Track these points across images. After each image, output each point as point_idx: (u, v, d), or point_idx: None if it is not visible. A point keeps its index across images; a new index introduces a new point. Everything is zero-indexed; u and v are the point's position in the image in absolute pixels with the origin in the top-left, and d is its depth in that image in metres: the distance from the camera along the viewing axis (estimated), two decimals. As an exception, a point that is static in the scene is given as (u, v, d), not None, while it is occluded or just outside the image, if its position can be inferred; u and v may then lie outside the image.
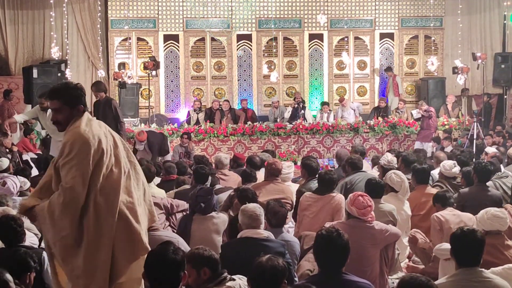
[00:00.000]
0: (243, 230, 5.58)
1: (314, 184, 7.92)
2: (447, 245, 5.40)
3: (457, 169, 8.54)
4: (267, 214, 5.84)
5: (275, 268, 4.20)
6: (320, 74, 19.59)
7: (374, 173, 9.51)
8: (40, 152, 13.30)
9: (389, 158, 9.20)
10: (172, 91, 18.87)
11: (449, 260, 5.55)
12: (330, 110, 17.82)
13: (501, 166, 9.99)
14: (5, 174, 8.52)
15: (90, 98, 14.81)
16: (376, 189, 6.95)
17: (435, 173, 9.36)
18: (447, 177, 8.58)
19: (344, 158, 9.67)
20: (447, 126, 16.72)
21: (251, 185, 7.86)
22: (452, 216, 6.78)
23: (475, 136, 14.44)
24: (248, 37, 19.20)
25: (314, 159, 9.26)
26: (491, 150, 11.58)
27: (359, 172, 8.58)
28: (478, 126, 14.86)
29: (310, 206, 7.25)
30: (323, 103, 18.10)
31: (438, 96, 18.55)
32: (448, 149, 13.82)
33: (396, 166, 9.23)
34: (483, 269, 4.66)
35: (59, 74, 15.74)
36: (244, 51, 19.25)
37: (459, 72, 16.20)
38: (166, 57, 18.83)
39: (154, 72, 16.51)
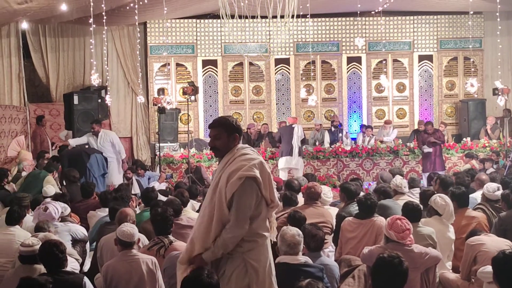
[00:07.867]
0: (280, 256, 5.56)
1: (354, 207, 7.86)
2: (490, 268, 5.29)
3: (500, 192, 8.39)
4: (305, 238, 5.80)
5: (315, 292, 4.18)
6: (359, 97, 19.55)
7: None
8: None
9: (397, 181, 9.16)
10: (211, 115, 18.96)
11: (493, 283, 5.44)
12: (372, 134, 17.59)
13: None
14: (47, 200, 8.63)
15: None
16: (413, 213, 6.84)
17: (476, 196, 9.22)
18: (490, 199, 8.43)
19: (387, 180, 9.59)
20: (488, 148, 16.54)
21: (291, 209, 7.81)
22: (491, 242, 6.48)
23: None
24: (286, 61, 19.28)
25: (354, 182, 9.20)
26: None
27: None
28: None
29: (353, 231, 7.16)
30: (367, 127, 17.99)
31: (479, 117, 18.39)
32: (489, 171, 13.60)
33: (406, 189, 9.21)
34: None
35: (99, 100, 15.98)
36: (282, 75, 19.32)
37: (500, 93, 16.01)
38: (205, 82, 18.98)
39: (193, 97, 16.59)
